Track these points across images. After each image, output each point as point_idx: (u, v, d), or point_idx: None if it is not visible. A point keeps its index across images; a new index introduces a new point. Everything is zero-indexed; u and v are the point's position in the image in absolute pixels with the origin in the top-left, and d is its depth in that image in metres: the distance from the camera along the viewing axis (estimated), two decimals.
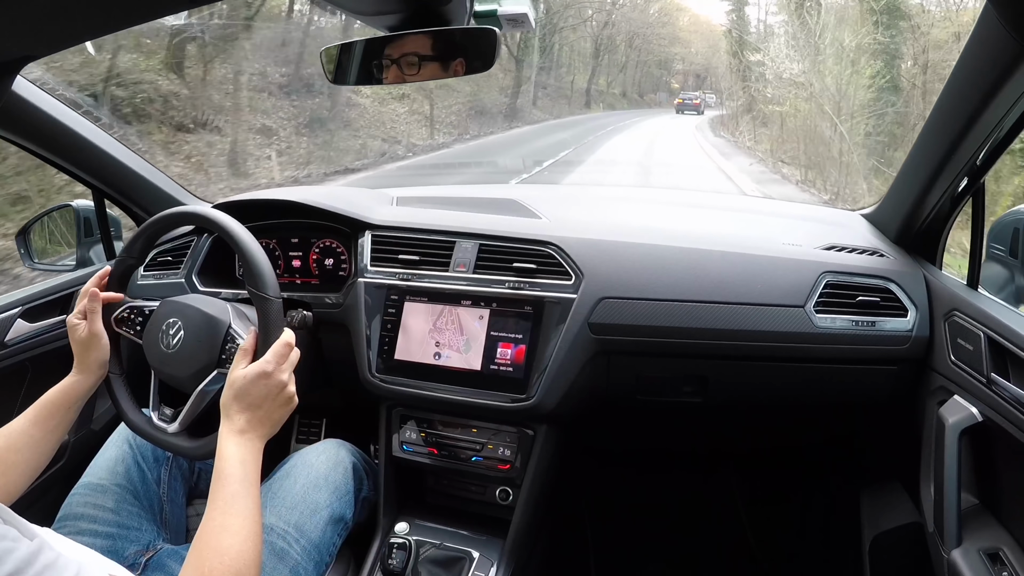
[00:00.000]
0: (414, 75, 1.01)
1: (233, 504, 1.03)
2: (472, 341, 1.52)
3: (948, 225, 1.48)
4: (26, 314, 1.68)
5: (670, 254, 1.58)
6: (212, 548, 0.98)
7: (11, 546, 0.69)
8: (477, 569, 1.48)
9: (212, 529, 1.00)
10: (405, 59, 0.99)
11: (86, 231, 1.93)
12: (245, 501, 1.05)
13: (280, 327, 1.22)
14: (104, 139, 1.74)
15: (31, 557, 0.70)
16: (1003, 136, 1.20)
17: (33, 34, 0.88)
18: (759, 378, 1.54)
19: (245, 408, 1.12)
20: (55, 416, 1.23)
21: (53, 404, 1.23)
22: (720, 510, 2.28)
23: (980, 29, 1.05)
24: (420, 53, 0.98)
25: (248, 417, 1.12)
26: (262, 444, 1.14)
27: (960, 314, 1.35)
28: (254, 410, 1.12)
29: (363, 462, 1.56)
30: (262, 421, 1.13)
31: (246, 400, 1.12)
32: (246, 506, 1.04)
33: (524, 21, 1.00)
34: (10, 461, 1.15)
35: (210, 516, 1.02)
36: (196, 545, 0.99)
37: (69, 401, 1.25)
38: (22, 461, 1.17)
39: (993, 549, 1.19)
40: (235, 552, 0.98)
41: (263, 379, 1.13)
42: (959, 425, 1.26)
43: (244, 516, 1.03)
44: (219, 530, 1.00)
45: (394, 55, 1.00)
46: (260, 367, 1.13)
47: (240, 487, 1.05)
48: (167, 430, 1.31)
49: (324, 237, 1.77)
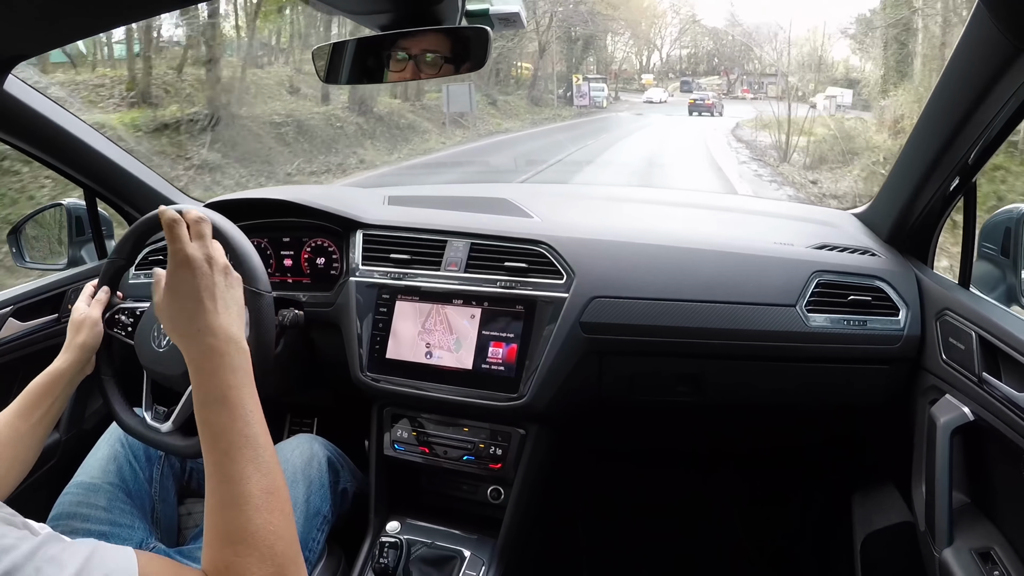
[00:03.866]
0: (406, 75, 1.01)
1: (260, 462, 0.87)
2: (462, 340, 1.52)
3: (940, 224, 1.49)
4: (17, 313, 1.68)
5: (662, 253, 1.58)
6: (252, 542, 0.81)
7: (11, 543, 0.68)
8: (468, 568, 1.48)
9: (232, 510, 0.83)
10: (397, 58, 0.99)
11: (78, 230, 1.93)
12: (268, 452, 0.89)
13: (271, 322, 1.22)
14: (96, 138, 1.73)
15: (31, 552, 0.67)
16: (994, 135, 1.20)
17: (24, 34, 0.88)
18: (751, 377, 1.54)
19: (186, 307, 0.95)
20: (41, 405, 1.19)
21: (37, 393, 1.20)
22: (715, 510, 2.28)
23: (972, 29, 1.05)
24: (412, 53, 0.98)
25: (197, 311, 0.94)
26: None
27: (952, 313, 1.35)
28: (196, 301, 0.95)
29: (337, 455, 1.55)
30: (227, 308, 0.97)
31: (185, 300, 0.95)
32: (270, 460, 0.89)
33: (516, 20, 1.00)
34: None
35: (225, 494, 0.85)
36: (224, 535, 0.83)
37: (54, 388, 1.22)
38: (10, 456, 1.14)
39: (984, 548, 1.20)
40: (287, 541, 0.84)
41: (185, 268, 0.96)
42: (950, 424, 1.26)
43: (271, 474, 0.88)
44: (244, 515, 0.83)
45: (386, 55, 1.00)
46: (173, 262, 0.96)
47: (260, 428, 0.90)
48: (160, 429, 1.30)
49: (315, 236, 1.77)
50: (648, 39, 49.83)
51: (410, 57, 0.98)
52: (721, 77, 46.98)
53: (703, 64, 49.31)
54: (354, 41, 1.01)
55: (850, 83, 30.00)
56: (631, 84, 46.39)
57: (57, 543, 0.70)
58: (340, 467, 1.53)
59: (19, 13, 0.80)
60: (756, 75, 44.36)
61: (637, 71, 48.41)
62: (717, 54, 50.22)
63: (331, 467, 1.49)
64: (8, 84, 1.41)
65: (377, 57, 1.01)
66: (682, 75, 48.73)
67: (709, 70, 49.30)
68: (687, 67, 49.87)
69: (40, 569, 0.66)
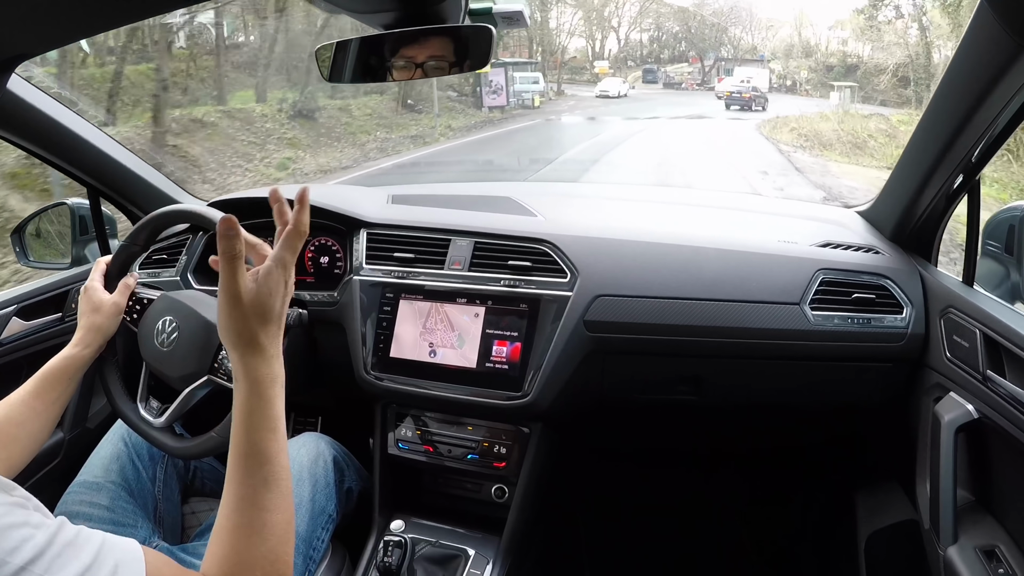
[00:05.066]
0: (409, 74, 1.01)
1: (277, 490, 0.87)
2: (465, 336, 1.52)
3: (943, 222, 1.48)
4: (21, 312, 1.68)
5: (666, 251, 1.58)
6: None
7: (31, 532, 0.69)
8: (473, 567, 1.48)
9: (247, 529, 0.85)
10: (400, 57, 0.99)
11: (81, 229, 1.93)
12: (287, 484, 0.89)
13: None
14: (100, 137, 1.73)
15: (50, 539, 0.69)
16: (998, 133, 1.20)
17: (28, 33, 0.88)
18: (754, 377, 1.54)
19: (269, 323, 0.91)
20: (56, 388, 1.21)
21: (54, 375, 1.22)
22: (718, 510, 2.28)
23: (976, 26, 1.05)
24: (415, 51, 0.98)
25: (273, 333, 0.93)
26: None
27: (956, 311, 1.35)
28: (276, 320, 0.93)
29: (343, 454, 1.56)
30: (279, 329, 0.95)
31: (261, 313, 0.91)
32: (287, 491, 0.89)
33: (520, 19, 0.99)
34: (11, 435, 1.14)
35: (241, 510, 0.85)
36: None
37: (70, 371, 1.24)
38: (24, 435, 1.16)
39: (989, 546, 1.20)
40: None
41: (279, 276, 0.93)
42: (955, 422, 1.26)
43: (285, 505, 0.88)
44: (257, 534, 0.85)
45: (389, 53, 1.00)
46: (277, 261, 0.93)
47: (283, 462, 0.89)
48: (152, 423, 1.32)
49: (319, 235, 1.77)
50: (603, 19, 41.40)
51: (413, 56, 0.98)
52: (691, 64, 39.93)
53: (668, 50, 41.84)
54: (357, 40, 1.01)
55: (848, 70, 27.66)
56: (581, 74, 36.92)
57: (71, 528, 0.73)
58: (346, 466, 1.53)
59: (22, 12, 0.80)
60: (735, 61, 37.65)
61: (589, 59, 39.62)
62: (685, 38, 42.07)
63: (337, 466, 1.49)
64: (12, 83, 1.41)
65: (380, 56, 1.01)
66: (644, 62, 40.74)
67: (676, 56, 41.63)
68: (649, 53, 41.92)
69: (61, 553, 0.69)
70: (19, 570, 0.65)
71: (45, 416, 1.20)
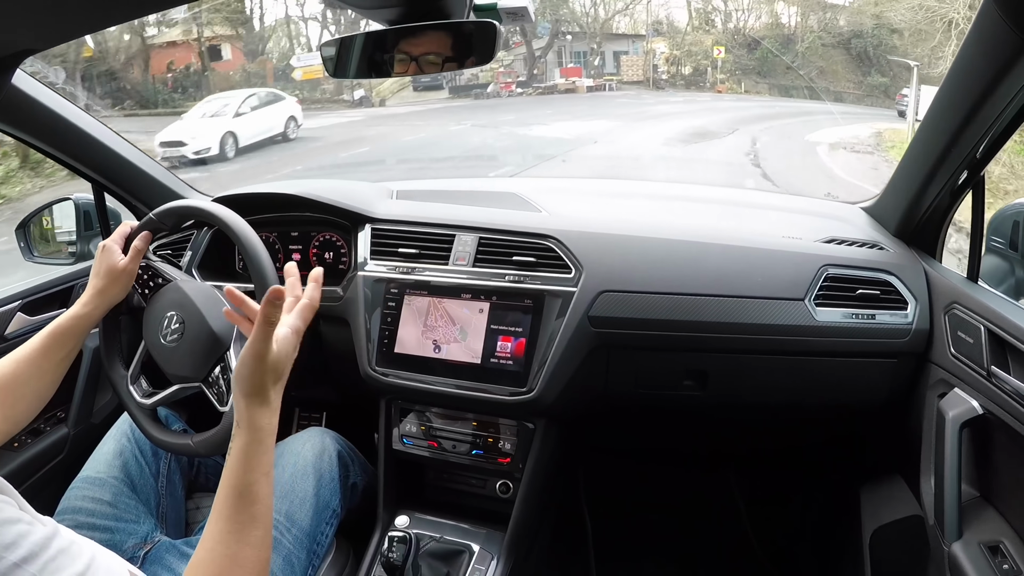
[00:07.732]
0: (414, 69, 1.01)
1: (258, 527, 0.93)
2: (467, 329, 1.52)
3: (948, 218, 1.48)
4: (26, 307, 1.68)
5: (670, 247, 1.57)
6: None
7: (27, 529, 0.70)
8: (477, 563, 1.48)
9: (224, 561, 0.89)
10: (404, 53, 0.99)
11: (86, 224, 1.93)
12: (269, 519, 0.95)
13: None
14: (104, 133, 1.73)
15: (45, 541, 0.71)
16: (1003, 129, 1.20)
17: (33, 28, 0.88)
18: (759, 372, 1.54)
19: (280, 380, 1.00)
20: (65, 347, 1.23)
21: (62, 334, 1.23)
22: (721, 509, 2.28)
23: (980, 22, 1.05)
24: (419, 47, 0.98)
25: (279, 389, 1.00)
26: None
27: (960, 307, 1.35)
28: (284, 378, 1.01)
29: (347, 449, 1.56)
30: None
31: (277, 372, 0.99)
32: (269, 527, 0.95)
33: (524, 14, 0.99)
34: (18, 392, 1.16)
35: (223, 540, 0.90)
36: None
37: (78, 330, 1.25)
38: (30, 392, 1.18)
39: (993, 542, 1.20)
40: None
41: (294, 342, 1.02)
42: (959, 418, 1.26)
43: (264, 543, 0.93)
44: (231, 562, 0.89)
45: (394, 49, 1.00)
46: (293, 330, 1.02)
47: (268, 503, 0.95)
48: (136, 399, 1.37)
49: (324, 230, 1.77)
50: None
51: (418, 52, 0.98)
52: (511, 51, 22.91)
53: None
54: (362, 35, 1.01)
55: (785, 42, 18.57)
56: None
57: (66, 535, 0.75)
58: (350, 461, 1.54)
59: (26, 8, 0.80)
60: (592, 37, 24.13)
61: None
62: None
63: (341, 461, 1.49)
64: (17, 78, 1.42)
65: (384, 51, 1.01)
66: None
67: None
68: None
69: (55, 558, 0.70)
70: (13, 567, 0.66)
71: (52, 375, 1.22)
